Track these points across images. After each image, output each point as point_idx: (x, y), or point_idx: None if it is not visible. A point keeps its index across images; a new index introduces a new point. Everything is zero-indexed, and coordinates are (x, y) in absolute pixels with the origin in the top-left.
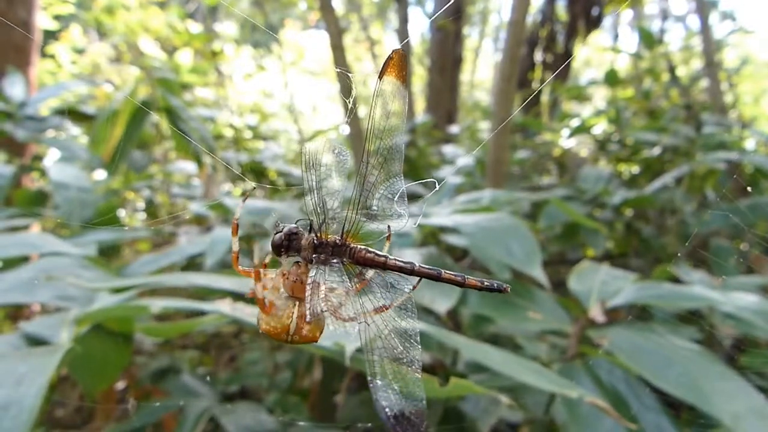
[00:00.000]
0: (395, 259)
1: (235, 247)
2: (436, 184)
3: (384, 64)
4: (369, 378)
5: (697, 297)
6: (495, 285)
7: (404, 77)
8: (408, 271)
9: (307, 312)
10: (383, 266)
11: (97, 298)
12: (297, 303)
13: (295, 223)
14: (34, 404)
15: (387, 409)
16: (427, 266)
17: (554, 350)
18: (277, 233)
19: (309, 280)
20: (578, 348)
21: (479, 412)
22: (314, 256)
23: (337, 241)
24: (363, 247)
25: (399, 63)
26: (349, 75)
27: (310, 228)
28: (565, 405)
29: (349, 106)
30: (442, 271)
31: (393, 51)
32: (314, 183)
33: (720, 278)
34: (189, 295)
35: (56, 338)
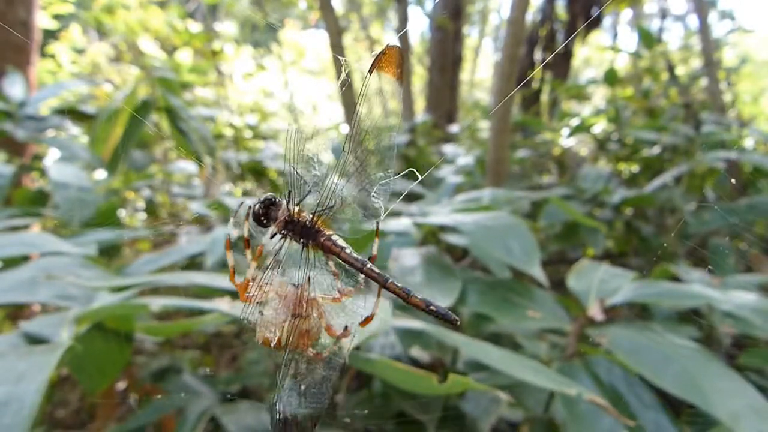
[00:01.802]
0: (350, 254)
1: (231, 262)
2: (417, 174)
3: (375, 59)
4: (279, 377)
5: (696, 295)
6: (441, 312)
7: (398, 74)
8: (358, 267)
9: (244, 312)
10: (338, 256)
11: (97, 297)
12: (293, 318)
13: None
14: (35, 401)
15: (280, 413)
16: (378, 271)
17: (554, 349)
18: (256, 204)
19: (258, 276)
20: (577, 346)
21: (480, 412)
22: (283, 231)
23: (307, 223)
24: (329, 233)
25: (393, 59)
26: (343, 60)
27: (287, 202)
28: (565, 403)
29: (346, 95)
30: (390, 279)
31: (387, 46)
32: (296, 162)
33: (717, 276)
34: (189, 294)
35: (56, 337)
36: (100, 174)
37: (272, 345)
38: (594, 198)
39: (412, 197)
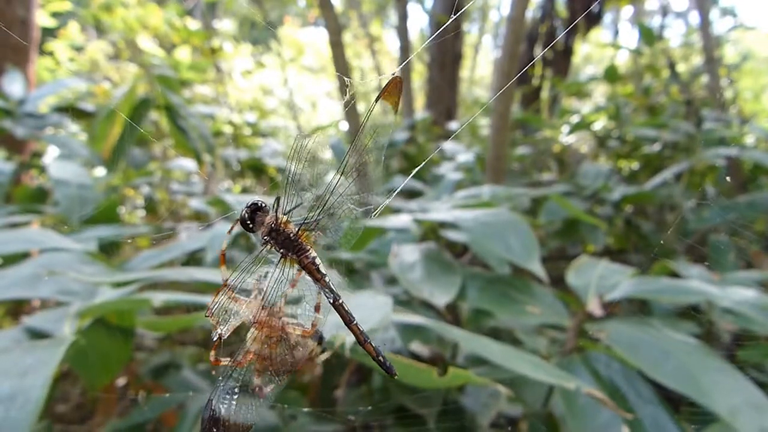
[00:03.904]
0: (329, 282)
1: (224, 276)
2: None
3: (383, 88)
4: (220, 378)
5: (695, 291)
6: (387, 364)
7: (396, 103)
8: (330, 299)
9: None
10: (316, 281)
11: (98, 293)
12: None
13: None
14: (40, 395)
15: (213, 411)
16: (347, 309)
17: (554, 345)
18: (244, 209)
19: (230, 276)
20: (576, 341)
21: (479, 407)
22: (266, 237)
23: (291, 236)
24: (313, 254)
25: (393, 89)
26: (348, 80)
27: (275, 209)
28: (564, 398)
29: (348, 105)
30: (355, 321)
31: (393, 76)
32: (295, 173)
33: (718, 273)
34: (190, 290)
35: (58, 332)
36: (100, 171)
37: (217, 339)
38: (594, 195)
39: (412, 194)
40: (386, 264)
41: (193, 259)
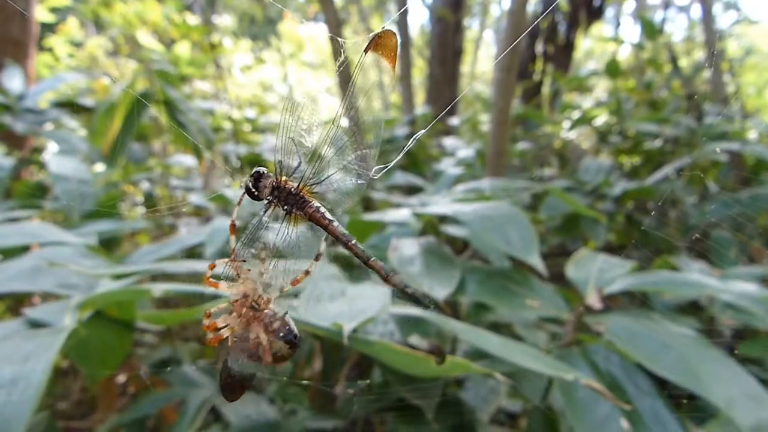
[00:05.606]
0: (337, 227)
1: (232, 244)
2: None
3: (371, 41)
4: (234, 338)
5: (695, 284)
6: (418, 295)
7: (392, 57)
8: (343, 242)
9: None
10: (325, 228)
11: (99, 285)
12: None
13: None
14: (41, 380)
15: (230, 369)
16: (362, 247)
17: (554, 341)
18: (247, 178)
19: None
20: (575, 335)
21: (479, 402)
22: (269, 197)
23: (293, 191)
24: (316, 204)
25: (386, 43)
26: (341, 41)
27: (277, 171)
28: (562, 391)
29: (339, 69)
30: (373, 257)
31: (383, 30)
32: (290, 129)
33: (720, 269)
34: (190, 284)
35: (59, 324)
36: (99, 167)
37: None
38: (595, 191)
39: (412, 190)
40: (386, 259)
41: (193, 253)
